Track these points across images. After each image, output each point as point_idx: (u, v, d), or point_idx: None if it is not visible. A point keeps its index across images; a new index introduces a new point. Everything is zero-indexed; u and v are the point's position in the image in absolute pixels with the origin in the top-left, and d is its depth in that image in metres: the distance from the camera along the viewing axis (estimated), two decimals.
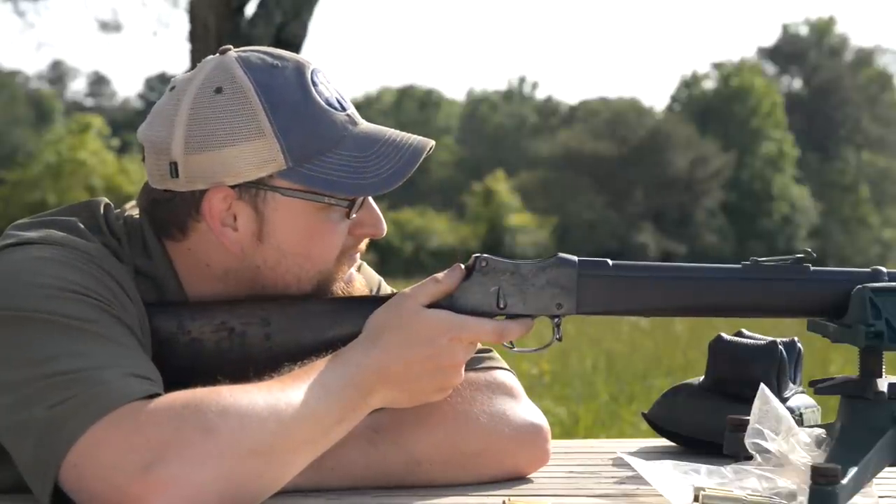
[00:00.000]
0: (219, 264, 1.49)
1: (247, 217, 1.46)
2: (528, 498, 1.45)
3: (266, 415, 1.29)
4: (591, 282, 1.46)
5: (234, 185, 1.44)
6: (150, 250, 1.49)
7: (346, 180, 1.44)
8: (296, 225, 1.46)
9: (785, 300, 1.47)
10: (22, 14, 30.29)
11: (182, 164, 1.44)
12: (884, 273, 1.47)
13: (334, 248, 1.49)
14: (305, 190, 1.45)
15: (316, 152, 1.44)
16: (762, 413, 1.45)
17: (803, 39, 56.54)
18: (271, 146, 1.43)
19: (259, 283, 1.49)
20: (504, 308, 1.46)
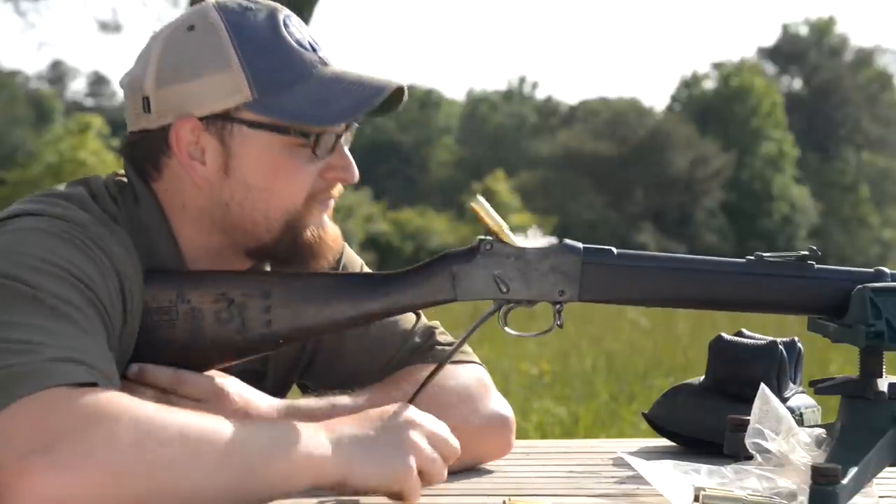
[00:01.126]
0: (193, 204, 1.50)
1: (214, 150, 1.47)
2: (528, 498, 1.45)
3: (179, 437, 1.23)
4: (595, 269, 1.46)
5: (202, 117, 1.46)
6: (140, 199, 1.51)
7: (308, 111, 1.46)
8: (261, 159, 1.47)
9: (787, 297, 1.47)
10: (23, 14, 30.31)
11: (153, 98, 1.47)
12: (887, 273, 1.47)
13: (301, 187, 1.49)
14: (270, 123, 1.46)
15: (281, 85, 1.46)
16: (762, 413, 1.45)
17: (803, 39, 56.54)
18: (237, 78, 1.45)
19: (230, 224, 1.50)
20: (507, 293, 1.46)
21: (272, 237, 1.50)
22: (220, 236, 1.51)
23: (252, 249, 1.52)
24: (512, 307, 1.48)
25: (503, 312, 1.48)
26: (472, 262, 1.46)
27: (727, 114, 47.45)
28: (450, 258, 1.48)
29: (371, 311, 1.47)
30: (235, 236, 1.51)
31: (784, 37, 57.21)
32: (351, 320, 1.48)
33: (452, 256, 1.48)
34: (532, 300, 1.47)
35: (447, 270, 1.47)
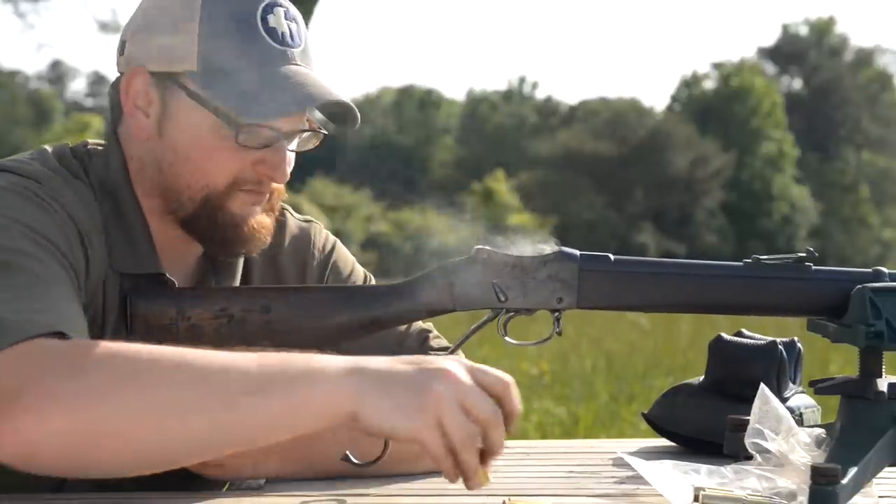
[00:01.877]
0: (137, 156, 1.54)
1: (156, 106, 1.51)
2: (528, 498, 1.45)
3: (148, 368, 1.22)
4: (593, 276, 1.46)
5: (153, 72, 1.50)
6: (109, 159, 1.55)
7: (238, 101, 1.46)
8: (190, 130, 1.50)
9: (786, 299, 1.47)
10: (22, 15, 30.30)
11: (128, 43, 1.53)
12: (885, 273, 1.47)
13: (223, 170, 1.50)
14: (204, 99, 1.48)
15: (227, 67, 1.48)
16: (762, 413, 1.45)
17: (803, 39, 56.56)
18: (190, 46, 1.48)
19: (163, 185, 1.52)
20: (505, 301, 1.46)
21: (192, 207, 1.51)
22: (158, 199, 1.53)
23: (179, 218, 1.53)
24: (511, 316, 1.47)
25: (502, 321, 1.47)
26: (469, 271, 1.46)
27: (727, 114, 47.48)
28: (447, 268, 1.47)
29: (370, 324, 1.47)
30: (167, 199, 1.52)
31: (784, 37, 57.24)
32: (350, 333, 1.48)
33: (450, 266, 1.48)
34: (530, 308, 1.46)
35: (445, 280, 1.46)
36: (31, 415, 1.19)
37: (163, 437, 1.21)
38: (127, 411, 1.20)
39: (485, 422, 1.21)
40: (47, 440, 1.20)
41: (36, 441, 1.20)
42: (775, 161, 46.25)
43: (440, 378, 1.20)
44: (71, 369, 1.21)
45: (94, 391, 1.20)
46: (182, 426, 1.21)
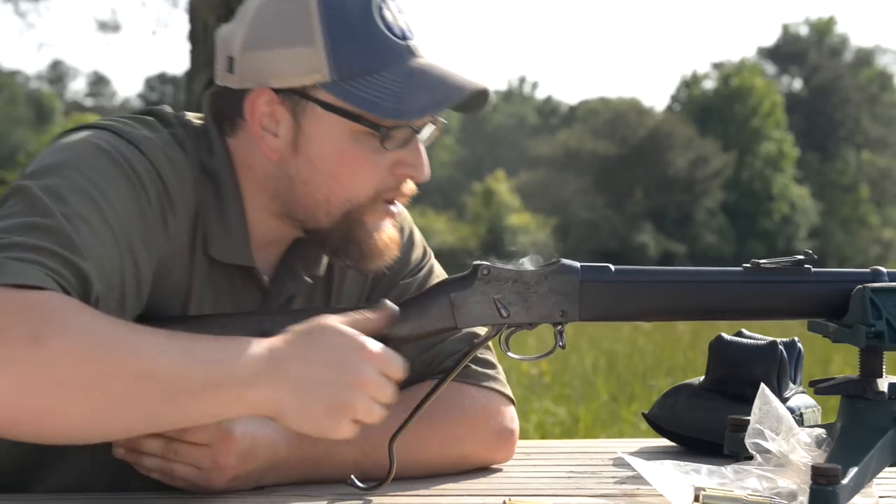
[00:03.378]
0: (260, 168, 1.49)
1: (286, 125, 1.45)
2: (528, 498, 1.45)
3: (108, 350, 1.23)
4: (594, 288, 1.45)
5: (279, 89, 1.44)
6: (213, 146, 1.50)
7: (382, 103, 1.42)
8: (330, 143, 1.45)
9: (787, 302, 1.47)
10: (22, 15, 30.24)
11: (238, 60, 1.46)
12: (884, 273, 1.47)
13: (367, 179, 1.46)
14: (343, 108, 1.43)
15: (361, 72, 1.42)
16: (762, 413, 1.44)
17: (803, 39, 56.54)
18: (318, 56, 1.42)
19: (293, 198, 1.48)
20: (507, 317, 1.45)
21: (329, 222, 1.48)
22: (282, 205, 1.49)
23: (309, 229, 1.50)
24: (513, 331, 1.47)
25: (504, 337, 1.47)
26: (470, 288, 1.45)
27: (727, 114, 47.45)
28: (447, 285, 1.46)
29: None
30: (296, 211, 1.49)
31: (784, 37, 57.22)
32: None
33: (450, 283, 1.46)
34: (533, 323, 1.46)
35: (446, 299, 1.45)
36: None
37: (99, 420, 1.25)
38: (77, 389, 1.22)
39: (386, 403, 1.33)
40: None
41: None
42: (775, 161, 46.23)
43: (357, 391, 1.30)
44: (33, 332, 1.20)
45: (49, 363, 1.20)
46: (120, 414, 1.25)
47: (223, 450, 1.41)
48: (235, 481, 1.43)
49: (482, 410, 1.61)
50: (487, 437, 1.61)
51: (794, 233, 44.44)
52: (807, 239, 43.98)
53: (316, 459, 1.48)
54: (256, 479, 1.45)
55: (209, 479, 1.42)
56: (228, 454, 1.41)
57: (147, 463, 1.43)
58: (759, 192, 45.11)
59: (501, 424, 1.63)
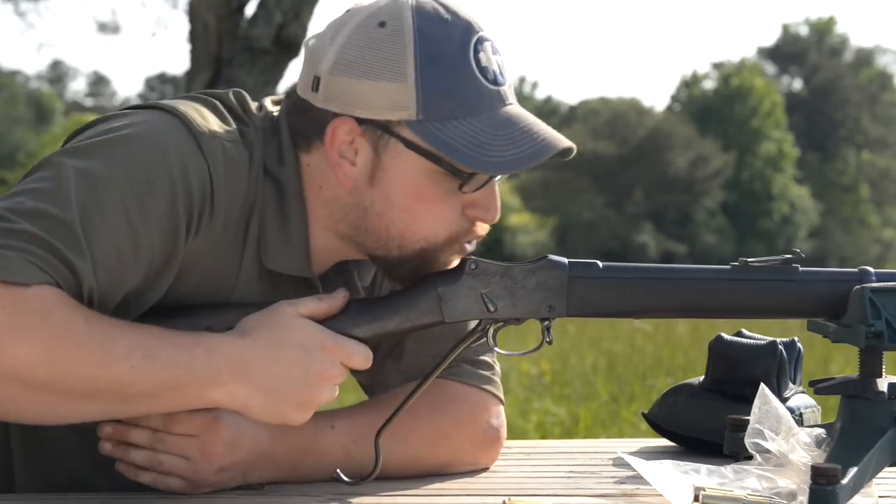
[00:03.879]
0: (331, 192, 1.47)
1: (365, 156, 1.44)
2: (528, 498, 1.45)
3: (71, 354, 1.29)
4: (581, 284, 1.46)
5: (363, 120, 1.42)
6: (284, 154, 1.47)
7: (467, 151, 1.40)
8: (408, 180, 1.43)
9: (774, 301, 1.47)
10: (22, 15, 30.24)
11: (324, 81, 1.43)
12: (871, 273, 1.47)
13: (442, 220, 1.45)
14: (426, 149, 1.41)
15: (449, 115, 1.40)
16: (762, 413, 1.45)
17: (803, 39, 56.53)
18: (408, 93, 1.40)
19: (364, 227, 1.46)
20: (494, 311, 1.45)
21: (401, 255, 1.47)
22: (349, 230, 1.48)
23: (376, 256, 1.49)
24: (501, 326, 1.47)
25: (492, 332, 1.47)
26: (458, 282, 1.45)
27: (727, 114, 47.44)
28: (435, 279, 1.46)
29: (358, 339, 1.44)
30: (366, 238, 1.47)
31: (784, 37, 57.22)
32: None
33: (438, 277, 1.46)
34: (520, 318, 1.46)
35: (433, 292, 1.45)
36: None
37: (55, 411, 1.33)
38: (32, 390, 1.29)
39: None
40: None
41: None
42: (775, 161, 46.22)
43: (323, 384, 1.40)
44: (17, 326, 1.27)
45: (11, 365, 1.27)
46: (77, 409, 1.33)
47: (210, 438, 1.41)
48: (223, 473, 1.43)
49: (470, 409, 1.60)
50: (474, 436, 1.61)
51: (794, 233, 44.43)
52: (807, 239, 43.99)
53: (301, 451, 1.48)
54: (243, 473, 1.45)
55: (198, 471, 1.42)
56: (215, 442, 1.41)
57: (134, 456, 1.43)
58: (759, 192, 45.10)
59: (488, 423, 1.62)
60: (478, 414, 1.61)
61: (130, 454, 1.43)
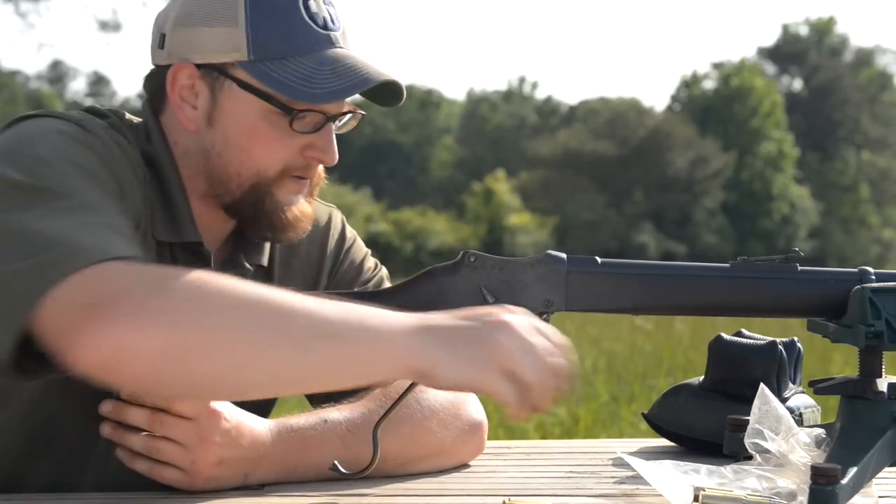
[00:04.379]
0: (183, 142, 1.56)
1: (204, 98, 1.53)
2: (528, 498, 1.45)
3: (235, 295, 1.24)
4: (580, 278, 1.46)
5: (200, 64, 1.52)
6: (150, 133, 1.56)
7: (293, 85, 1.48)
8: (242, 118, 1.52)
9: (773, 300, 1.47)
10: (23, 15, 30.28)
11: (168, 37, 1.54)
12: (871, 273, 1.47)
13: (275, 155, 1.52)
14: (257, 88, 1.50)
15: (279, 55, 1.50)
16: (762, 413, 1.45)
17: (803, 39, 56.56)
18: (239, 36, 1.50)
19: (210, 171, 1.54)
20: (493, 304, 1.46)
21: (240, 194, 1.54)
22: (204, 184, 1.55)
23: (225, 203, 1.55)
24: None
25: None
26: (457, 275, 1.46)
27: (727, 114, 47.47)
28: (435, 273, 1.47)
29: None
30: (213, 185, 1.55)
31: (784, 37, 57.24)
32: None
33: (437, 270, 1.47)
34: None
35: (433, 285, 1.45)
36: (124, 323, 1.20)
37: (242, 363, 1.23)
38: (214, 331, 1.22)
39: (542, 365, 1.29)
40: (136, 350, 1.20)
41: (125, 349, 1.20)
42: (775, 161, 46.25)
43: (503, 330, 1.27)
44: (160, 286, 1.23)
45: (185, 308, 1.22)
46: (262, 356, 1.23)
47: (208, 425, 1.42)
48: (221, 467, 1.43)
49: (450, 402, 1.62)
50: (455, 429, 1.62)
51: (794, 233, 44.45)
52: (807, 239, 44.02)
53: (301, 448, 1.49)
54: (243, 474, 1.45)
55: (195, 460, 1.41)
56: (213, 430, 1.41)
57: (132, 441, 1.43)
58: (759, 192, 45.13)
59: (469, 415, 1.64)
60: (458, 406, 1.63)
61: (128, 438, 1.44)
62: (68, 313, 1.22)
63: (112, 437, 1.45)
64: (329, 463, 1.48)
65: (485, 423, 1.68)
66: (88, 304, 1.21)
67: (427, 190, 46.52)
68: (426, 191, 46.23)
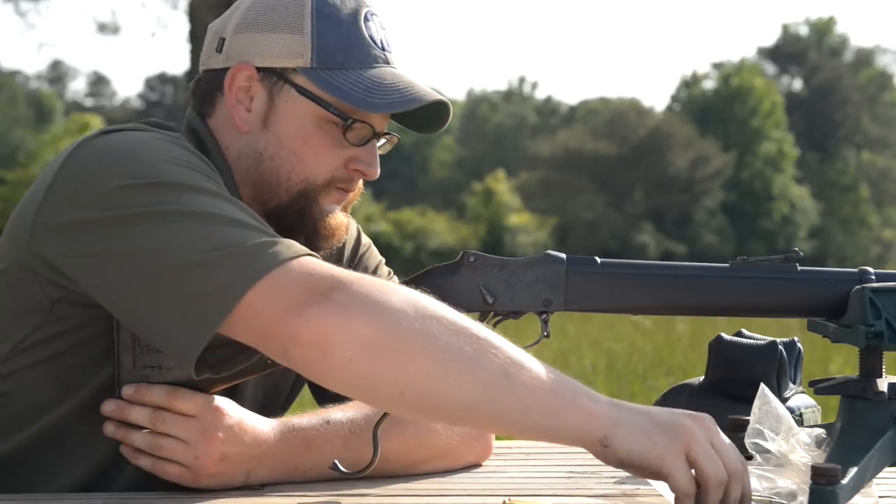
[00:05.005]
0: (234, 146, 1.57)
1: (261, 100, 1.55)
2: (528, 498, 1.45)
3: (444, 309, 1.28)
4: (579, 278, 1.46)
5: (261, 68, 1.54)
6: (206, 143, 1.57)
7: (353, 93, 1.51)
8: (297, 124, 1.54)
9: (772, 299, 1.47)
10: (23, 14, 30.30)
11: (228, 40, 1.56)
12: (871, 273, 1.47)
13: (324, 164, 1.55)
14: (316, 95, 1.52)
15: (340, 65, 1.53)
16: (762, 413, 1.44)
17: (803, 39, 56.55)
18: (304, 43, 1.53)
19: (259, 175, 1.55)
20: (492, 304, 1.46)
21: (287, 199, 1.55)
22: (251, 189, 1.56)
23: (270, 209, 1.56)
24: (499, 319, 1.47)
25: (490, 325, 1.47)
26: (457, 274, 1.46)
27: (727, 114, 47.46)
28: (435, 272, 1.48)
29: None
30: (262, 190, 1.56)
31: (784, 37, 57.23)
32: None
33: (437, 270, 1.48)
34: (518, 311, 1.46)
35: (433, 284, 1.46)
36: (341, 309, 1.25)
37: (441, 373, 1.26)
38: (420, 335, 1.25)
39: (732, 472, 1.26)
40: (347, 335, 1.25)
41: (337, 333, 1.25)
42: (775, 161, 46.23)
43: (693, 419, 1.27)
44: (376, 286, 1.28)
45: (398, 308, 1.26)
46: (461, 372, 1.25)
47: (211, 421, 1.42)
48: (224, 464, 1.43)
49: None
50: (461, 431, 1.62)
51: (794, 233, 44.44)
52: (807, 239, 44.00)
53: (302, 447, 1.49)
54: (245, 472, 1.45)
55: (198, 456, 1.42)
56: (216, 426, 1.42)
57: (135, 439, 1.43)
58: (759, 192, 45.11)
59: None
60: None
61: (131, 436, 1.44)
62: (280, 305, 1.27)
63: (115, 436, 1.45)
64: (329, 460, 1.48)
65: None
66: (301, 297, 1.26)
67: (427, 190, 46.50)
68: (426, 191, 46.21)
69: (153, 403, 1.42)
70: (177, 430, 1.42)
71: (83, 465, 1.50)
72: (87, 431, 1.48)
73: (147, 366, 1.43)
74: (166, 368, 1.43)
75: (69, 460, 1.50)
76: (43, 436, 1.49)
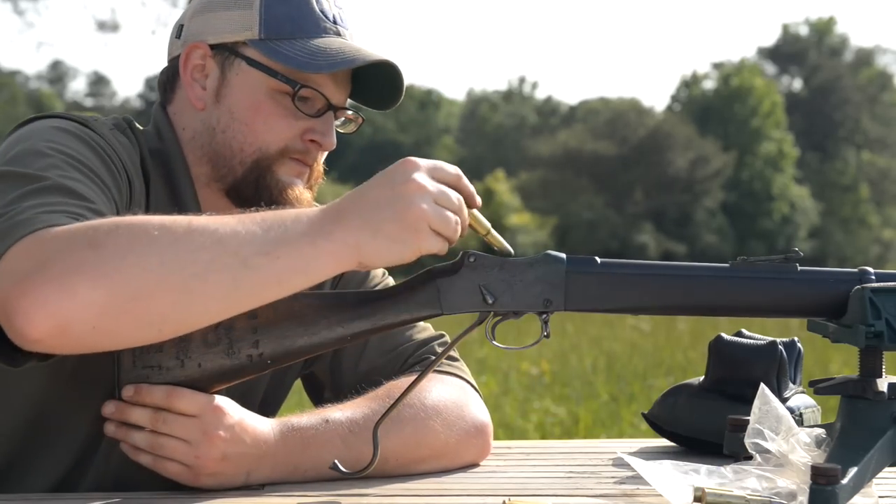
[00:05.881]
0: (190, 126, 1.63)
1: (214, 76, 1.61)
2: (528, 498, 1.45)
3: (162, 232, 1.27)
4: (579, 279, 1.46)
5: (213, 44, 1.61)
6: (161, 130, 1.63)
7: (299, 58, 1.57)
8: (248, 94, 1.59)
9: (772, 299, 1.47)
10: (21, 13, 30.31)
11: (186, 26, 1.64)
12: (871, 273, 1.47)
13: (276, 132, 1.59)
14: (265, 65, 1.58)
15: (287, 35, 1.59)
16: (762, 413, 1.44)
17: (803, 39, 56.55)
18: (253, 17, 1.59)
19: (214, 150, 1.60)
20: (493, 304, 1.46)
21: (242, 170, 1.59)
22: (207, 166, 1.61)
23: (227, 183, 1.60)
24: (499, 320, 1.47)
25: (490, 325, 1.47)
26: (457, 274, 1.46)
27: (727, 114, 47.45)
28: (435, 272, 1.47)
29: (358, 330, 1.45)
30: (217, 165, 1.60)
31: (784, 37, 57.23)
32: (339, 339, 1.46)
33: (437, 271, 1.47)
34: (518, 311, 1.46)
35: (432, 285, 1.46)
36: (56, 286, 1.23)
37: (187, 296, 1.29)
38: (149, 272, 1.26)
39: (457, 212, 1.39)
40: (77, 311, 1.23)
41: (66, 313, 1.23)
42: (775, 161, 46.23)
43: (415, 195, 1.35)
44: (88, 241, 1.26)
45: (115, 257, 1.25)
46: (204, 285, 1.29)
47: (212, 421, 1.42)
48: (225, 463, 1.43)
49: (454, 402, 1.62)
50: (460, 430, 1.62)
51: (794, 233, 44.44)
52: (807, 239, 44.01)
53: (302, 446, 1.49)
54: (246, 472, 1.45)
55: (199, 455, 1.42)
56: (217, 425, 1.42)
57: (136, 439, 1.43)
58: (759, 192, 45.11)
59: (473, 416, 1.64)
60: (461, 406, 1.63)
61: (132, 436, 1.44)
62: (7, 282, 1.24)
63: (115, 436, 1.45)
64: (329, 459, 1.48)
65: (490, 425, 1.68)
66: (20, 277, 1.24)
67: None
68: None
69: (153, 404, 1.42)
70: (178, 430, 1.42)
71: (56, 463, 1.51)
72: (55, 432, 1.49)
73: (147, 366, 1.43)
74: (166, 368, 1.43)
75: (41, 459, 1.51)
76: None
